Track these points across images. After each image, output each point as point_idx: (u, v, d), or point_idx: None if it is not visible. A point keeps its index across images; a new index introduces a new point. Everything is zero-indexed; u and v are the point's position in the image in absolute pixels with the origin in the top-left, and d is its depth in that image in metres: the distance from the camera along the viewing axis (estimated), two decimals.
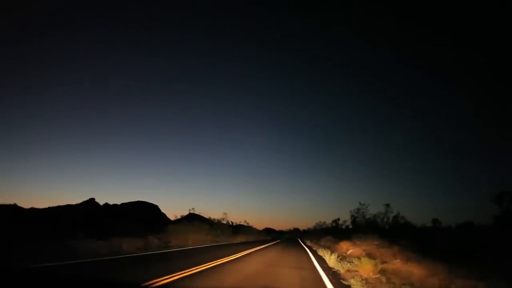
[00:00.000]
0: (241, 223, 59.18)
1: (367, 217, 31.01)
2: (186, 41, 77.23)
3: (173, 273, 6.21)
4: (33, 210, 26.74)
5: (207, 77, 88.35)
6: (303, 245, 25.60)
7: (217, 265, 8.41)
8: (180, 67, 79.47)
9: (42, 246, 8.82)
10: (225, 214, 37.56)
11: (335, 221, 46.34)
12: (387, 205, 28.98)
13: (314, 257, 13.18)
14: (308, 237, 46.79)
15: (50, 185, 70.10)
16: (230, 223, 45.38)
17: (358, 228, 28.96)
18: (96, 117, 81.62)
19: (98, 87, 75.46)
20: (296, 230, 76.18)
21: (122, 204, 32.14)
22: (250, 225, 60.73)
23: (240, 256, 11.44)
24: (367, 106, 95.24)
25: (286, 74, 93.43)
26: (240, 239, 31.66)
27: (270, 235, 72.70)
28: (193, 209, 36.84)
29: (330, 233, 33.19)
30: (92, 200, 30.07)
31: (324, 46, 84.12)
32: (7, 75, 63.83)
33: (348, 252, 13.91)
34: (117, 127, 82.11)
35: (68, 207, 28.37)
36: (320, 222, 56.07)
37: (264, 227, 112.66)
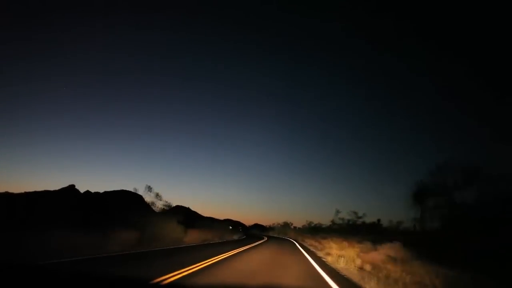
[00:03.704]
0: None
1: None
2: (185, 38, 75.20)
3: None
4: (7, 194, 25.07)
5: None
6: None
7: None
8: (175, 63, 77.36)
9: None
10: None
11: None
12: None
13: None
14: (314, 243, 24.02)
15: (30, 169, 67.58)
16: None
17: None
18: (83, 103, 78.92)
19: (80, 76, 72.82)
20: (286, 225, 70.21)
21: (105, 192, 30.53)
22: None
23: None
24: (363, 105, 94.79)
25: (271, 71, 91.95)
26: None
27: (247, 231, 60.01)
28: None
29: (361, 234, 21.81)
30: (72, 187, 28.23)
31: (323, 48, 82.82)
32: None
33: None
34: (112, 119, 79.80)
35: (46, 192, 26.62)
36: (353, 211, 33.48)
37: (253, 223, 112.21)
